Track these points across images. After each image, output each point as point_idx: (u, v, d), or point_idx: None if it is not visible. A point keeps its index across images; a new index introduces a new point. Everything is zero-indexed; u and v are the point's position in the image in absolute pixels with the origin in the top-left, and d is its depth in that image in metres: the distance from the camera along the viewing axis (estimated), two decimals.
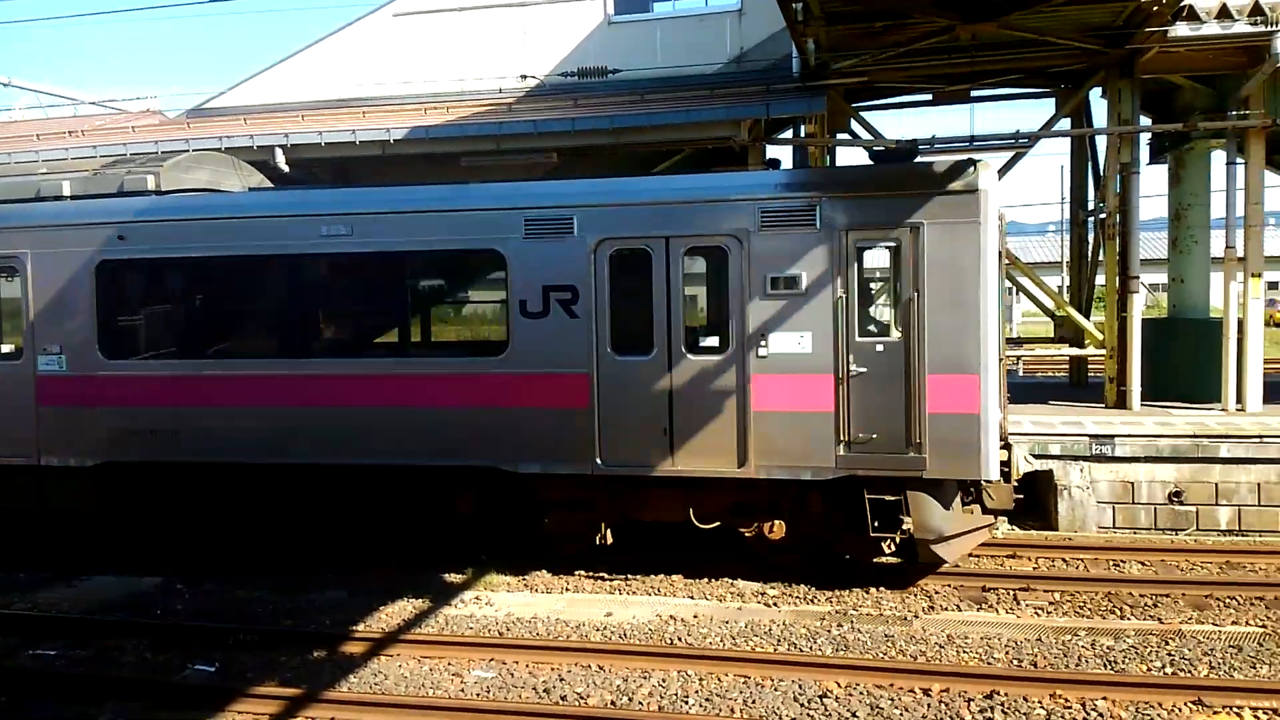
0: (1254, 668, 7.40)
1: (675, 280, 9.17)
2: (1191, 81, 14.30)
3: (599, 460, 9.34)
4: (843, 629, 8.39)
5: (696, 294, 9.50)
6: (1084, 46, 12.52)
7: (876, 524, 9.01)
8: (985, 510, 9.50)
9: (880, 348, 8.88)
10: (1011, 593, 9.34)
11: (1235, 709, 6.66)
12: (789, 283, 8.96)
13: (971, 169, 8.74)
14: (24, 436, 10.40)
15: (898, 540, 9.16)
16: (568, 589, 9.77)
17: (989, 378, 8.69)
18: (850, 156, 63.29)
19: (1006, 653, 7.82)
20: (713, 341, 9.26)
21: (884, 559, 9.74)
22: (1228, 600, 9.00)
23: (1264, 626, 8.31)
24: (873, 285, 9.16)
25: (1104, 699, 6.80)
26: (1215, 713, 6.64)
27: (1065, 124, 14.95)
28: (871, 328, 9.06)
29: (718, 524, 9.55)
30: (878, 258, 9.01)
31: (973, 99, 15.35)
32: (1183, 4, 11.61)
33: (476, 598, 9.45)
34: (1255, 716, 6.57)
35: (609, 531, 9.81)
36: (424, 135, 14.32)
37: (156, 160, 11.18)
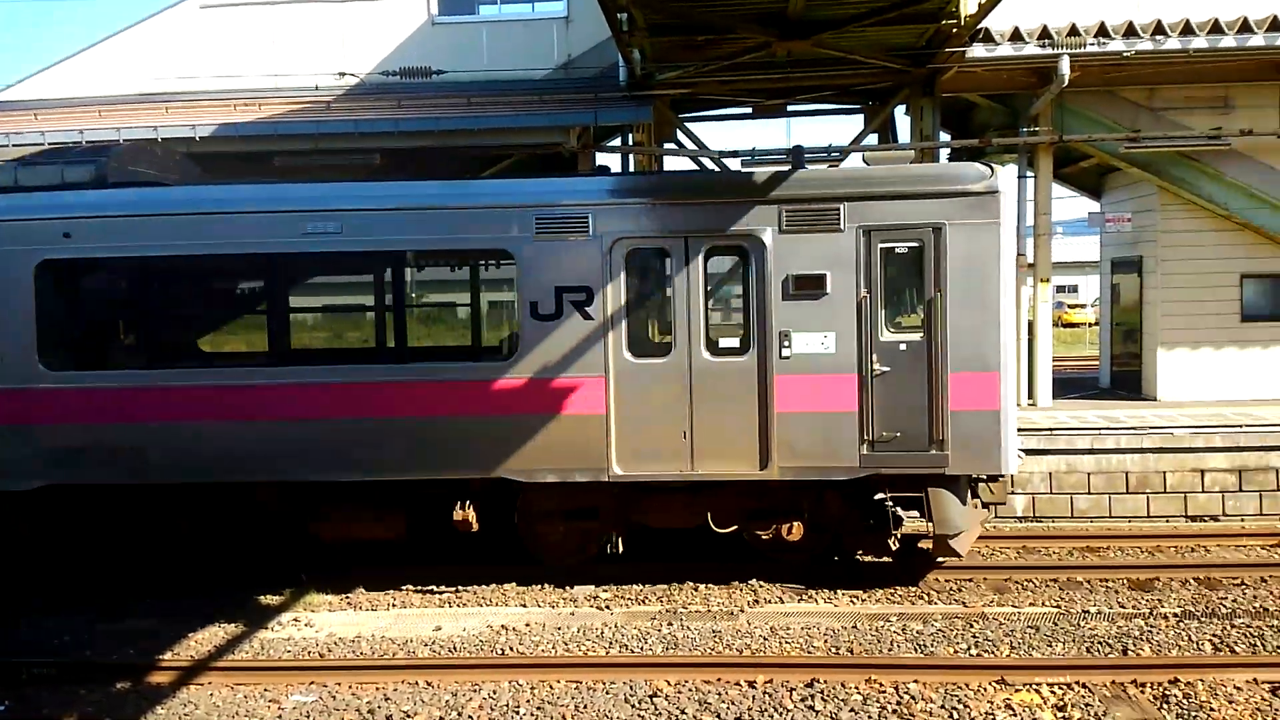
0: (1050, 646, 7.96)
1: (695, 280, 9.03)
2: (988, 100, 15.37)
3: (615, 468, 9.10)
4: (672, 627, 8.50)
5: (717, 294, 9.48)
6: (889, 66, 13.23)
7: (897, 522, 9.02)
8: (983, 505, 9.69)
9: (903, 347, 8.94)
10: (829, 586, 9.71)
11: (1034, 685, 7.14)
12: (811, 283, 8.91)
13: (991, 172, 8.92)
14: None
15: (898, 537, 9.16)
16: (394, 604, 9.46)
17: (1008, 375, 8.94)
18: (676, 165, 64.36)
19: (825, 641, 8.12)
20: (733, 343, 9.20)
21: (867, 558, 9.90)
22: (1025, 583, 9.67)
23: (1058, 607, 8.97)
24: (895, 285, 9.09)
25: (915, 681, 7.16)
26: (1016, 690, 7.10)
27: (873, 139, 15.77)
28: (894, 327, 9.05)
29: (735, 528, 9.55)
30: (900, 258, 9.00)
31: (789, 113, 15.98)
32: (979, 27, 12.46)
33: (295, 619, 9.01)
34: (1052, 691, 7.07)
35: (620, 540, 9.70)
36: (234, 133, 13.60)
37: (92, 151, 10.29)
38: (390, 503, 9.49)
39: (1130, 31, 12.66)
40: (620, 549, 9.73)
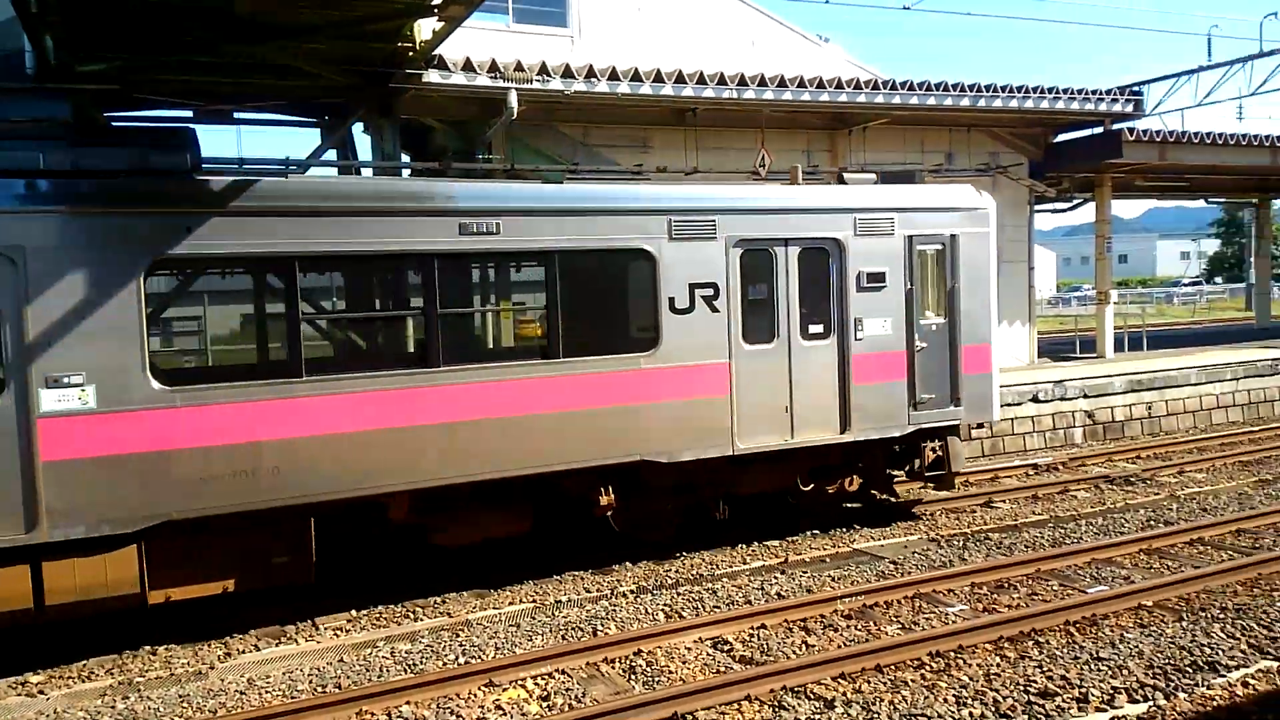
0: (531, 640, 8.35)
1: (792, 276, 10.57)
2: (444, 125, 15.85)
3: (739, 445, 10.29)
4: (129, 701, 7.36)
5: (807, 288, 10.72)
6: (342, 82, 12.99)
7: (913, 466, 11.62)
8: None
9: (934, 327, 11.39)
10: (311, 620, 9.19)
11: (520, 681, 7.41)
12: (876, 278, 10.99)
13: (983, 193, 11.86)
14: None
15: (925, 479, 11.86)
16: None
17: (994, 345, 11.77)
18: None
19: (311, 682, 7.63)
20: (819, 329, 10.78)
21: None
22: (504, 587, 10.06)
23: (534, 602, 9.46)
24: (927, 279, 11.37)
25: (408, 703, 7.02)
26: (504, 689, 7.30)
27: (333, 154, 15.39)
28: (925, 311, 11.33)
29: (812, 485, 11.34)
30: (930, 258, 11.40)
31: (236, 120, 14.92)
32: (434, 54, 12.77)
33: None
34: (536, 684, 7.40)
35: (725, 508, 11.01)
36: None
37: None
38: (519, 497, 9.78)
39: (568, 73, 13.95)
40: (726, 515, 11.13)
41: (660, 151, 15.93)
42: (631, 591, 9.61)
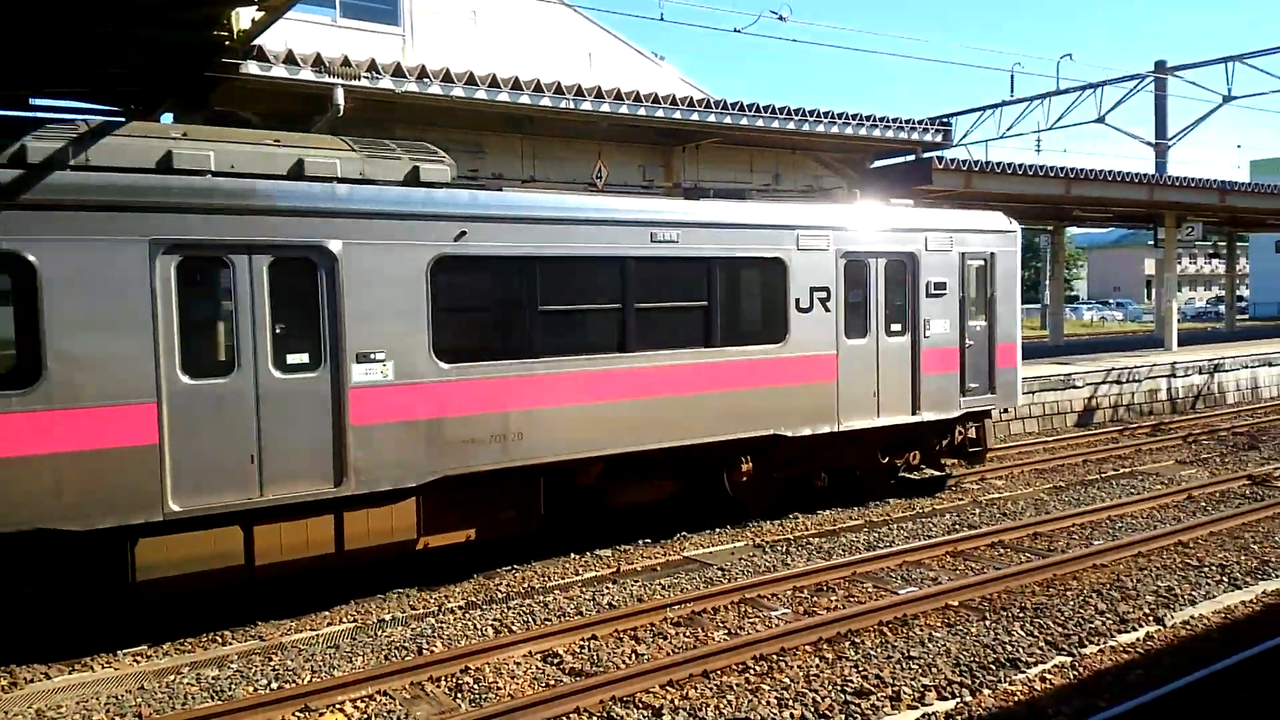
0: (351, 661, 7.98)
1: (880, 283, 12.67)
2: (261, 119, 15.07)
3: (839, 423, 12.28)
4: None
5: (891, 293, 12.84)
6: (152, 71, 12.15)
7: (959, 444, 13.99)
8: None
9: (978, 328, 13.67)
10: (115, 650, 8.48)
11: (338, 705, 7.06)
12: (940, 287, 13.24)
13: (1010, 219, 14.24)
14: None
15: (969, 454, 14.34)
16: None
17: (1019, 345, 14.34)
18: None
19: (108, 711, 7.03)
20: (897, 328, 12.89)
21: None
22: (321, 606, 9.59)
23: (355, 621, 9.06)
24: (973, 288, 13.67)
25: None
26: (321, 714, 6.94)
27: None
28: (975, 312, 13.65)
29: (888, 459, 13.35)
30: (976, 271, 13.75)
31: (32, 106, 13.70)
32: (254, 45, 12.12)
33: None
34: (355, 706, 7.06)
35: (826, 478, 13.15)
36: None
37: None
38: (676, 466, 11.44)
39: (399, 72, 13.56)
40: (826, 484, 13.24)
41: (495, 158, 15.73)
42: (460, 607, 9.37)
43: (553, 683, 7.45)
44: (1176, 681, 6.81)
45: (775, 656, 7.84)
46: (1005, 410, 14.86)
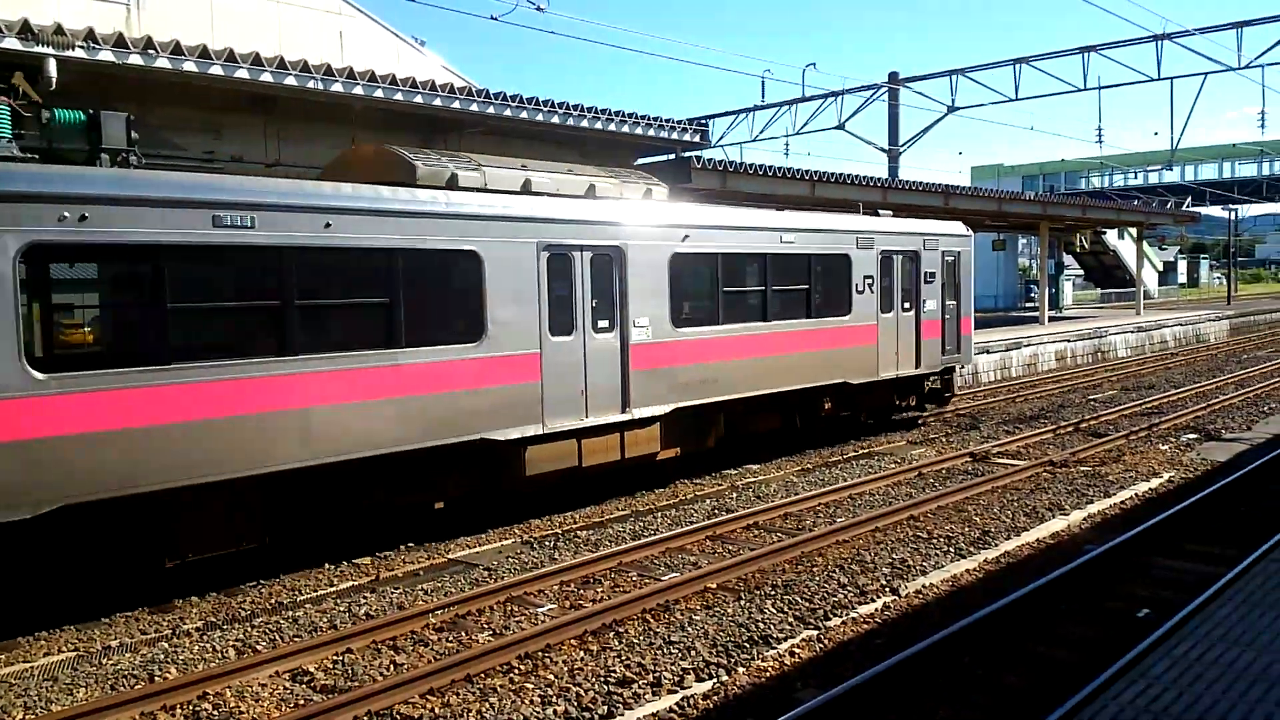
0: (72, 695, 7.17)
1: (897, 271, 17.33)
2: None
3: (879, 374, 16.97)
4: None
5: (904, 279, 17.52)
6: None
7: (936, 389, 19.12)
8: None
9: (950, 306, 18.61)
10: None
11: None
12: (931, 275, 18.05)
13: (966, 228, 19.43)
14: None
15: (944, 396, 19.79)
16: None
17: (973, 319, 19.62)
18: None
19: None
20: (906, 304, 17.54)
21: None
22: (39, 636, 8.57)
23: (76, 650, 8.15)
24: (948, 277, 18.58)
25: None
26: None
27: None
28: (950, 296, 18.62)
29: (897, 399, 18.36)
30: (949, 264, 18.64)
31: None
32: None
33: None
34: None
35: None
36: None
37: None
38: (780, 406, 15.55)
39: (121, 43, 12.31)
40: (871, 421, 18.57)
41: (234, 140, 14.65)
42: (198, 629, 8.63)
43: (302, 702, 7.00)
44: (909, 649, 7.33)
45: (540, 654, 7.77)
46: (962, 367, 20.68)
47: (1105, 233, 56.80)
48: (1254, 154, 74.01)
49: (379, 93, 14.76)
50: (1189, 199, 67.26)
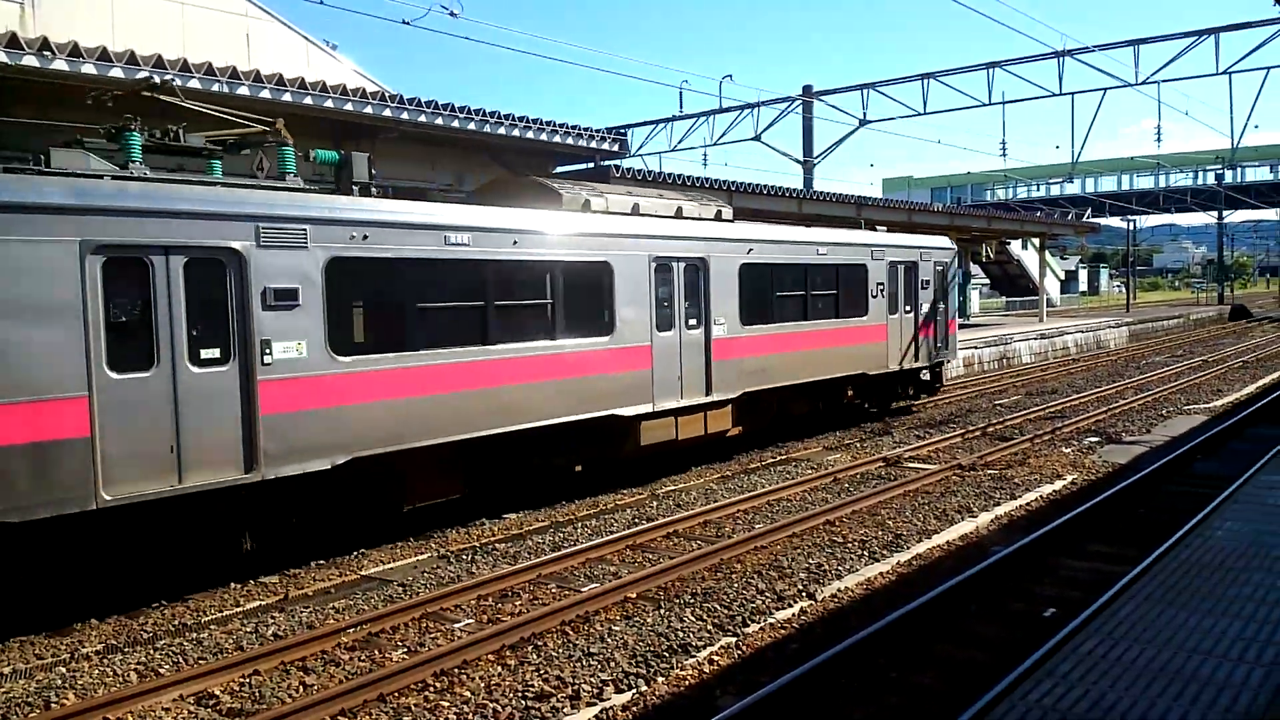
0: None
1: (901, 280, 20.25)
2: None
3: (888, 367, 19.90)
4: None
5: (905, 285, 20.41)
6: None
7: (927, 380, 21.95)
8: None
9: (940, 308, 21.41)
10: None
11: None
12: (927, 283, 20.91)
13: (952, 242, 22.57)
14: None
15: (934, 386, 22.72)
16: None
17: (958, 320, 22.81)
18: None
19: None
20: (908, 308, 20.40)
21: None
22: None
23: None
24: (939, 284, 21.32)
25: None
26: None
27: None
28: (940, 300, 21.39)
29: (899, 389, 21.46)
30: (939, 274, 21.44)
31: None
32: None
33: None
34: None
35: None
36: None
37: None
38: (812, 394, 18.39)
39: (14, 43, 11.76)
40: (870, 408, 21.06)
41: None
42: (97, 652, 8.26)
43: None
44: (825, 653, 7.41)
45: (457, 670, 7.63)
46: (948, 361, 23.53)
47: (1010, 243, 58.82)
48: (1151, 167, 77.59)
49: (287, 96, 14.41)
50: (1089, 210, 69.99)
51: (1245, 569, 7.26)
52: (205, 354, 9.23)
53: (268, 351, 9.62)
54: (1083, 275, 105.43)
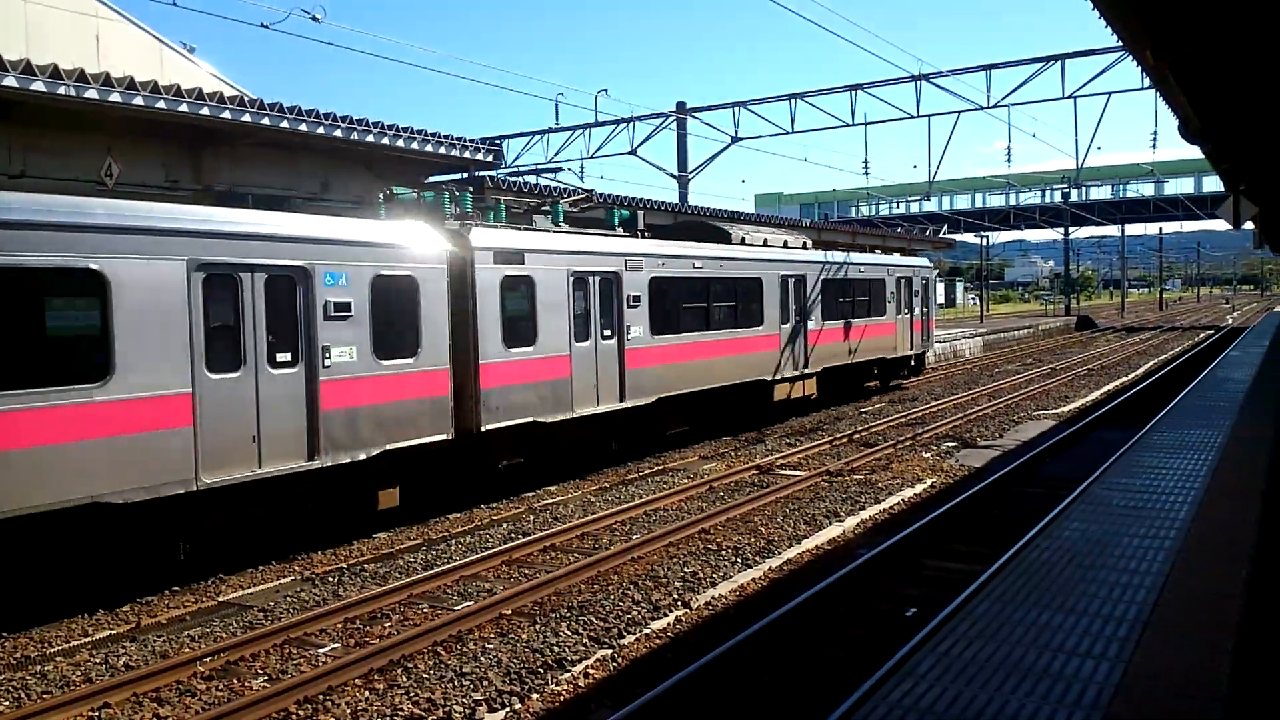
0: None
1: (901, 290, 27.77)
2: None
3: (897, 352, 27.52)
4: None
5: (899, 294, 27.70)
6: None
7: (915, 365, 30.24)
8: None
9: (918, 311, 28.93)
10: None
11: None
12: (917, 292, 28.81)
13: (931, 261, 33.45)
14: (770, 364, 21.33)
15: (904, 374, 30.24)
16: None
17: (935, 320, 32.32)
18: None
19: None
20: (906, 310, 28.02)
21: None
22: None
23: None
24: (919, 294, 29.08)
25: None
26: None
27: None
28: (917, 304, 28.87)
29: (868, 378, 27.46)
30: (924, 285, 29.62)
31: None
32: None
33: None
34: None
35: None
36: None
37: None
38: (849, 373, 25.93)
39: None
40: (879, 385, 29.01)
41: None
42: None
43: None
44: (698, 662, 7.48)
45: (321, 697, 7.36)
46: (929, 349, 31.16)
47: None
48: (1002, 186, 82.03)
49: (139, 100, 13.69)
50: (945, 226, 73.39)
51: (1093, 567, 7.69)
52: (280, 357, 10.80)
53: (327, 356, 11.17)
54: (940, 288, 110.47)
